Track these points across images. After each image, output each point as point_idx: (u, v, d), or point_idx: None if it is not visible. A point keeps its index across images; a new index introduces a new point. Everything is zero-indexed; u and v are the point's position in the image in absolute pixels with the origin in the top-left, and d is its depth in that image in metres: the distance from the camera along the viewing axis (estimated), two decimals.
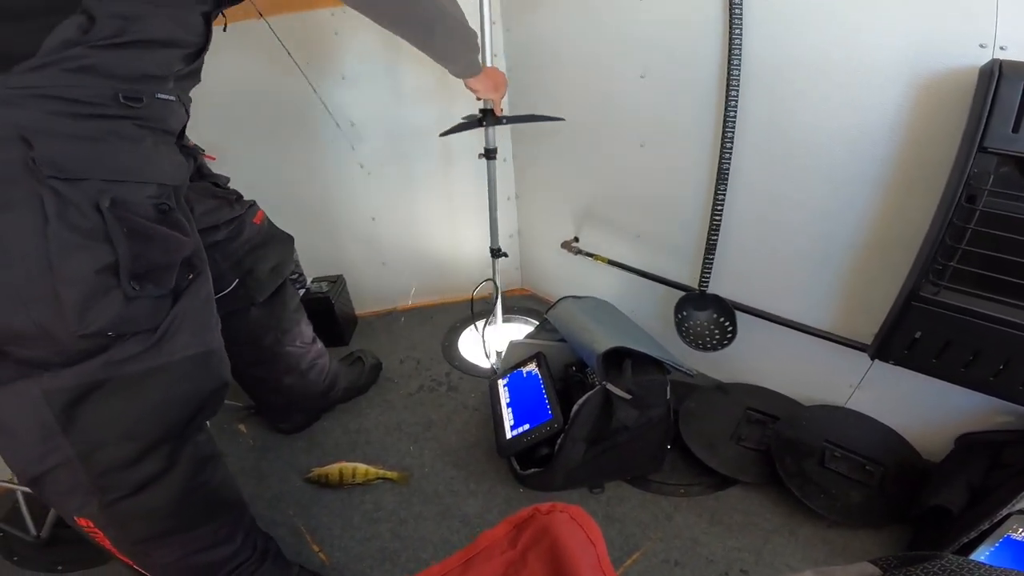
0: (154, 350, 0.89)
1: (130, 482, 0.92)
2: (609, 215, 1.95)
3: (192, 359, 0.95)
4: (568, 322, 1.61)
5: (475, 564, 0.55)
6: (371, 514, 1.49)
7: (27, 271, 0.74)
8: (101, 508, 0.92)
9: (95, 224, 0.77)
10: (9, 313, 0.76)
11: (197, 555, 1.05)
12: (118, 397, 0.87)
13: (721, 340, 1.71)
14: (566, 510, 0.59)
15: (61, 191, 0.74)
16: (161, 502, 0.96)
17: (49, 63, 0.72)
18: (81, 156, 0.76)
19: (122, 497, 0.92)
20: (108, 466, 0.90)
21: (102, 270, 0.79)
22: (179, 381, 0.94)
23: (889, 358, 1.31)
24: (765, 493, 1.48)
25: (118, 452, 0.90)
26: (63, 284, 0.76)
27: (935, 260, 1.14)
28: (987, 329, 1.12)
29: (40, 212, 0.73)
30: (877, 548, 1.33)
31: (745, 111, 1.41)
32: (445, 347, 2.15)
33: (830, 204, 1.39)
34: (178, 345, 0.92)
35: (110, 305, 0.81)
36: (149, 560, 1.01)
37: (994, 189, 1.04)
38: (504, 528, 0.59)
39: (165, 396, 0.92)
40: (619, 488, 1.53)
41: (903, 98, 1.19)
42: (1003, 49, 1.05)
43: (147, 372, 0.89)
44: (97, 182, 0.78)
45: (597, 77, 1.71)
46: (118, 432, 0.89)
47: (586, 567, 0.54)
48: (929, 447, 1.48)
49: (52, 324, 0.78)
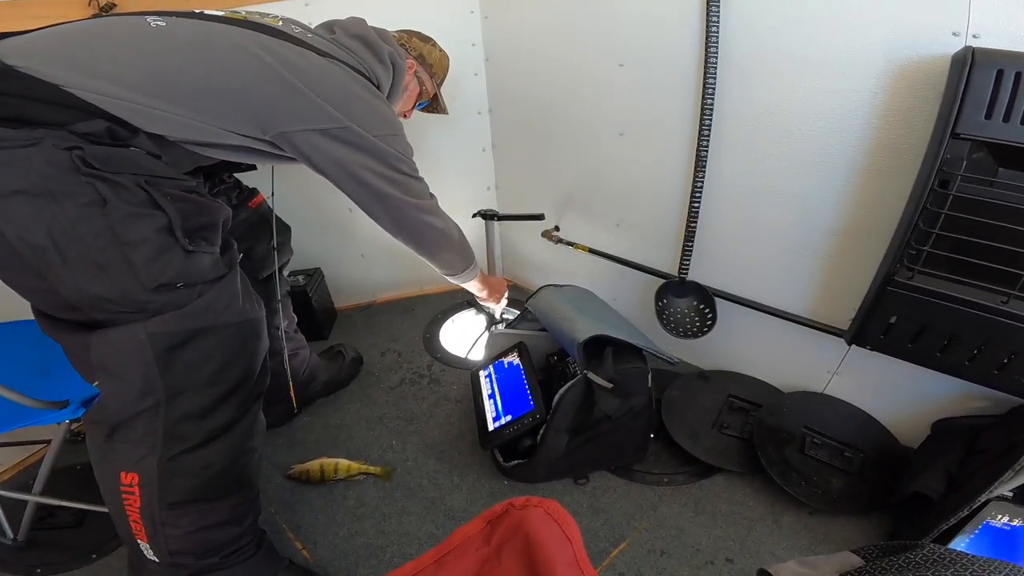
0: (235, 306, 1.05)
1: (199, 432, 1.04)
2: (589, 204, 1.94)
3: (258, 320, 1.11)
4: (548, 311, 1.60)
5: (448, 562, 0.55)
6: (354, 510, 1.48)
7: (97, 244, 0.89)
8: (160, 461, 1.01)
9: (143, 198, 0.92)
10: (90, 282, 0.91)
11: (209, 530, 1.09)
12: (207, 345, 1.02)
13: (701, 327, 1.72)
14: (541, 504, 0.59)
15: (110, 178, 0.88)
16: (215, 459, 1.07)
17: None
18: (114, 159, 0.90)
19: (185, 451, 1.03)
20: (187, 413, 1.02)
21: (160, 229, 0.94)
22: (251, 337, 1.10)
23: (865, 343, 1.32)
24: (748, 481, 1.49)
25: (199, 399, 1.03)
26: (130, 248, 0.91)
27: (909, 245, 1.14)
28: (962, 313, 1.13)
29: (96, 195, 0.87)
30: (859, 535, 1.34)
31: (722, 99, 1.41)
32: (426, 339, 2.13)
33: (807, 191, 1.39)
34: (247, 306, 1.09)
35: (173, 258, 0.95)
36: (163, 531, 1.05)
37: (967, 175, 1.05)
38: (478, 524, 0.58)
39: (240, 348, 1.07)
40: (603, 478, 1.53)
41: (877, 85, 1.20)
42: (976, 37, 1.05)
43: (227, 325, 1.04)
44: (131, 175, 0.92)
45: (576, 66, 1.70)
46: (204, 378, 1.02)
47: (562, 563, 0.53)
48: (906, 433, 1.50)
49: (128, 284, 0.92)
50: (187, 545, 1.07)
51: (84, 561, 1.37)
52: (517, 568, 0.52)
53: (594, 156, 1.82)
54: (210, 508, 1.08)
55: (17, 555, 1.37)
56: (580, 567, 0.54)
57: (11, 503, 1.36)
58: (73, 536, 1.41)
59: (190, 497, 1.05)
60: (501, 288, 1.77)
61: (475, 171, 2.18)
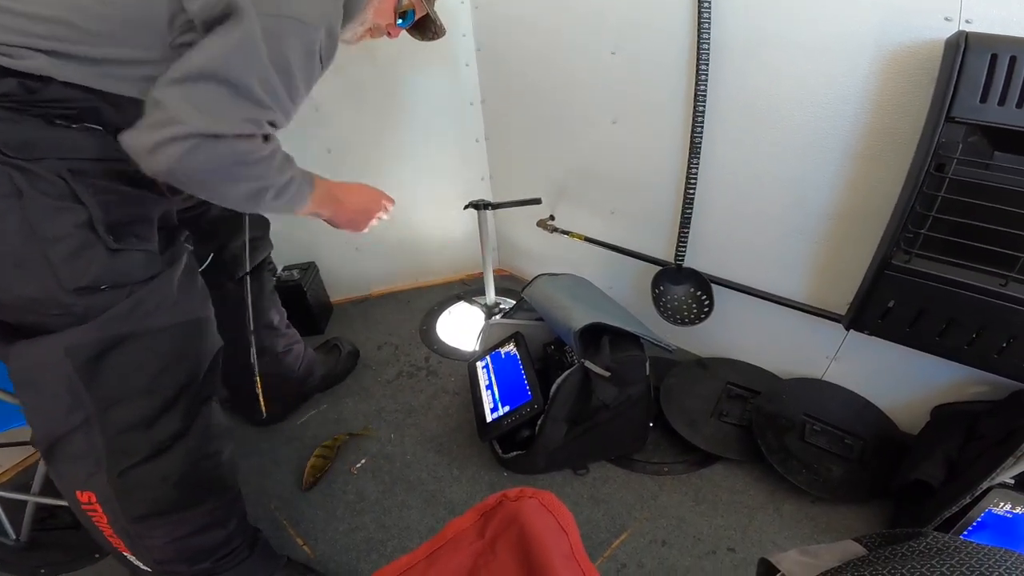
0: (167, 306, 0.96)
1: (146, 444, 0.96)
2: (584, 192, 1.93)
3: (200, 321, 1.03)
4: (544, 300, 1.59)
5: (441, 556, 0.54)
6: (354, 505, 1.48)
7: (14, 240, 0.80)
8: (110, 477, 0.94)
9: (63, 190, 0.82)
10: (9, 281, 0.83)
11: (191, 537, 1.05)
12: (136, 352, 0.93)
13: (699, 314, 1.71)
14: (536, 496, 0.58)
15: (26, 167, 0.79)
16: (171, 469, 0.99)
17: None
18: (33, 141, 0.80)
19: (134, 464, 0.96)
20: (126, 424, 0.94)
21: (80, 225, 0.84)
22: (192, 339, 1.02)
23: (863, 328, 1.31)
24: (748, 469, 1.48)
25: (137, 409, 0.95)
26: (49, 244, 0.82)
27: (906, 228, 1.14)
28: (960, 296, 1.13)
29: (12, 186, 0.78)
30: (860, 523, 1.34)
31: (716, 85, 1.40)
32: (423, 331, 2.13)
33: (802, 175, 1.38)
34: (188, 305, 1.00)
35: (95, 257, 0.86)
36: (141, 543, 1.01)
37: (962, 158, 1.04)
38: (471, 517, 0.58)
39: (178, 352, 0.99)
40: (603, 468, 1.53)
41: (870, 70, 1.19)
42: (968, 23, 1.05)
43: (160, 329, 0.95)
44: (54, 161, 0.82)
45: (568, 54, 1.68)
46: (138, 387, 0.94)
47: (558, 555, 0.52)
48: (905, 419, 1.50)
49: (49, 284, 0.84)
50: (171, 554, 1.04)
51: (87, 561, 1.37)
52: (512, 561, 0.52)
53: (588, 144, 1.81)
54: (182, 517, 1.03)
55: (20, 556, 1.37)
56: (576, 558, 0.53)
57: (12, 506, 1.36)
58: (75, 536, 1.40)
59: (156, 510, 1.00)
60: (363, 202, 1.25)
61: (469, 162, 2.16)
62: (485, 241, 1.96)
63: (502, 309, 2.07)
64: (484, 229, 1.94)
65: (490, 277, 2.05)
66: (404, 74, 1.89)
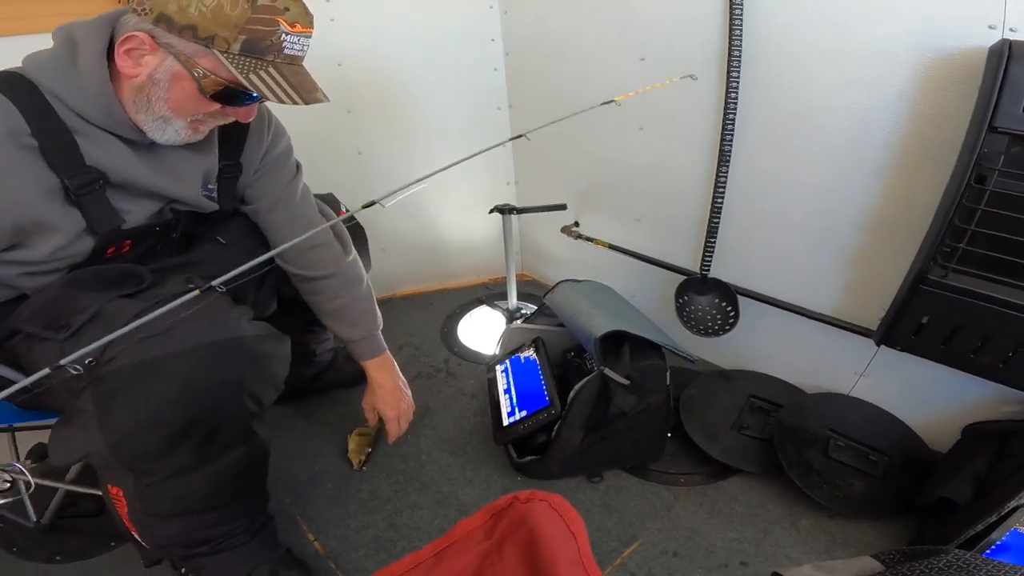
0: (159, 338, 0.89)
1: (163, 471, 0.96)
2: (609, 199, 1.92)
3: (208, 347, 0.93)
4: (566, 306, 1.58)
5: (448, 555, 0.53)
6: (367, 502, 1.47)
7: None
8: (136, 483, 0.97)
9: None
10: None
11: (202, 531, 1.07)
12: (138, 384, 0.88)
13: (723, 325, 1.68)
14: (546, 499, 0.57)
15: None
16: (194, 490, 1.00)
17: None
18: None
19: (154, 483, 0.97)
20: (138, 454, 0.93)
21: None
22: (194, 369, 0.92)
23: (895, 344, 1.28)
24: (766, 483, 1.45)
25: (144, 442, 0.91)
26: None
27: (943, 242, 1.10)
28: (997, 314, 1.09)
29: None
30: (880, 540, 1.30)
31: (747, 92, 1.38)
32: (444, 333, 2.12)
33: (834, 186, 1.35)
34: (185, 335, 0.91)
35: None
36: (150, 530, 1.04)
37: (1005, 169, 1.01)
38: (481, 517, 0.57)
39: (183, 383, 0.91)
40: (618, 477, 1.51)
41: (909, 78, 1.16)
42: (1013, 31, 1.03)
43: (156, 360, 0.89)
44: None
45: (596, 60, 1.68)
46: (141, 421, 0.90)
47: (565, 560, 0.51)
48: (935, 437, 1.45)
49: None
50: (176, 542, 1.06)
51: (103, 549, 1.37)
52: (518, 564, 0.51)
53: (614, 151, 1.79)
54: (206, 517, 1.06)
55: (37, 541, 1.38)
56: (584, 565, 0.52)
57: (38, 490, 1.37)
58: (93, 524, 1.42)
59: (175, 512, 1.02)
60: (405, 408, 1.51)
61: (495, 166, 2.16)
62: (509, 246, 1.96)
63: (523, 314, 2.06)
64: (508, 233, 1.94)
65: (512, 282, 2.05)
66: (432, 79, 1.90)
